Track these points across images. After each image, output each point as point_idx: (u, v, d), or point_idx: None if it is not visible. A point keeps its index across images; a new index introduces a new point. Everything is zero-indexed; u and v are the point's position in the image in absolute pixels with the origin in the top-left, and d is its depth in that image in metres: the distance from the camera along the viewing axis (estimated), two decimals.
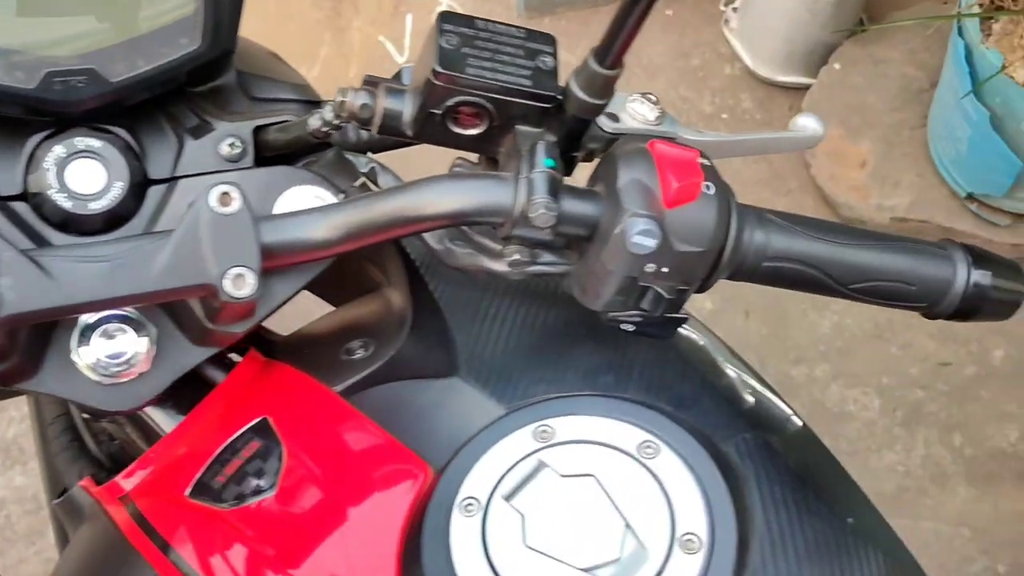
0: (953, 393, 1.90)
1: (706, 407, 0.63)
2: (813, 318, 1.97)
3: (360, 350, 0.70)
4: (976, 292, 0.65)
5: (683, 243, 0.57)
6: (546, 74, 0.59)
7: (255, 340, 0.76)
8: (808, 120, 0.75)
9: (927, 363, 1.93)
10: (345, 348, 0.71)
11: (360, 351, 0.70)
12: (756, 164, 2.09)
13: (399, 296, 0.73)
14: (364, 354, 0.70)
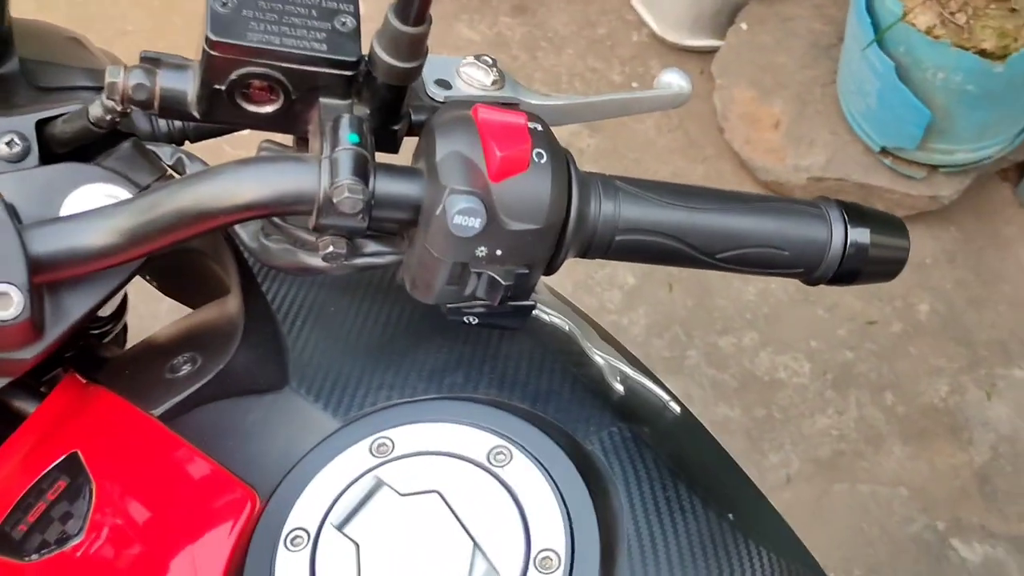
0: (882, 352, 1.87)
1: (567, 401, 0.56)
2: (738, 286, 1.92)
3: (186, 365, 0.63)
4: (855, 253, 0.59)
5: (515, 220, 0.50)
6: (345, 37, 0.51)
7: (82, 360, 0.68)
8: (673, 76, 0.69)
9: (854, 323, 1.89)
10: (170, 365, 0.63)
11: (186, 367, 0.62)
12: (671, 133, 2.04)
13: (234, 301, 0.65)
14: (190, 370, 0.62)
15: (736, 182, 1.97)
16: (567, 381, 0.58)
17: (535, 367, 0.58)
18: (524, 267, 0.52)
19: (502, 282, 0.51)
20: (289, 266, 0.56)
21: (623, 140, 2.02)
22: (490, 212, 0.50)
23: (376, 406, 0.55)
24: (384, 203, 0.51)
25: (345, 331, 0.60)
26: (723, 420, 1.78)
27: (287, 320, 0.61)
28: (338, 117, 0.51)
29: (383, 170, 0.51)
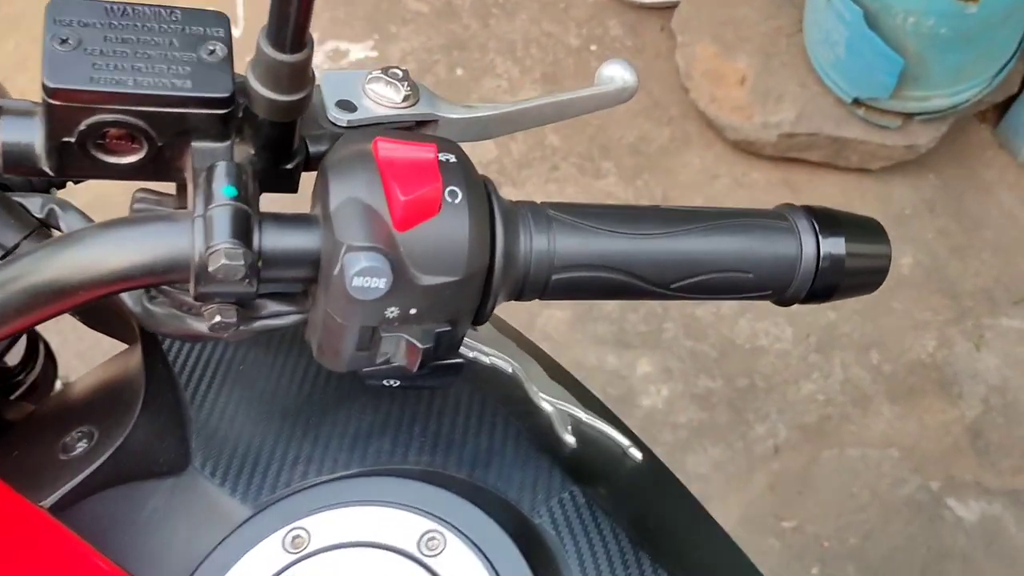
0: (865, 310, 1.81)
1: (510, 465, 0.49)
2: None
3: (81, 443, 0.55)
4: (830, 266, 0.52)
5: (428, 274, 0.43)
6: (215, 68, 0.43)
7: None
8: (615, 69, 0.61)
9: None
10: (63, 443, 0.55)
11: (81, 444, 0.55)
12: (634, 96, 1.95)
13: (135, 357, 0.57)
14: (85, 448, 0.54)
15: (703, 143, 1.89)
16: (510, 438, 0.50)
17: (473, 424, 0.50)
18: (445, 324, 0.44)
19: (419, 345, 0.43)
20: (177, 333, 0.48)
21: None
22: (398, 268, 0.42)
23: (291, 487, 0.48)
24: (275, 262, 0.43)
25: (256, 394, 0.52)
26: (705, 392, 1.72)
27: (190, 384, 0.53)
28: (212, 166, 0.43)
29: (272, 222, 0.43)
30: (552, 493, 0.48)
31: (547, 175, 1.86)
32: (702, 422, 1.70)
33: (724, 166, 1.88)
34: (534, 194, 1.84)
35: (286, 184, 0.49)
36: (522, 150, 1.89)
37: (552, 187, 1.85)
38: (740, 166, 1.88)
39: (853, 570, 1.63)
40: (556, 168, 1.87)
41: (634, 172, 1.87)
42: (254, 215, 0.43)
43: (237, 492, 0.48)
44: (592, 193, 1.84)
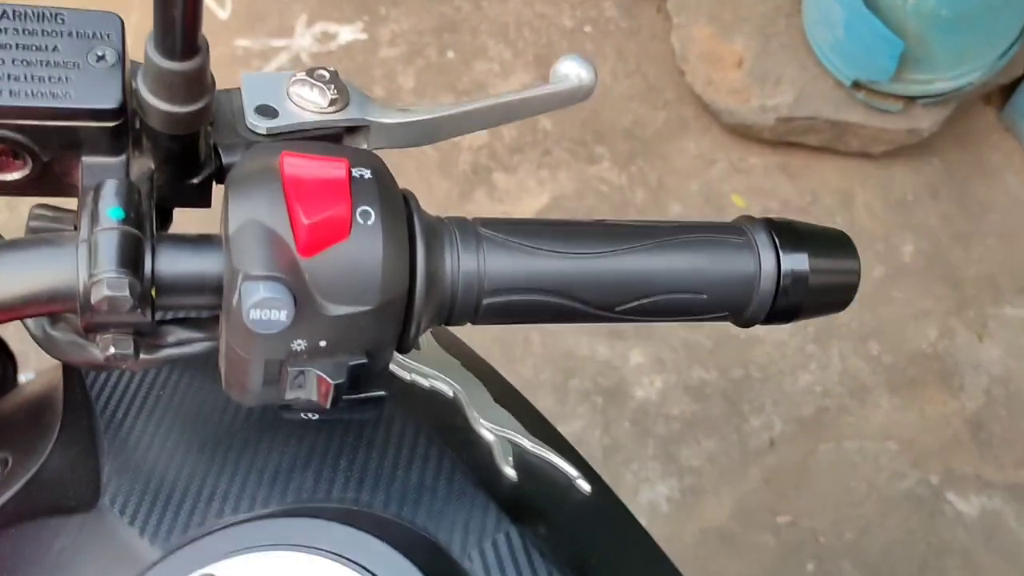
0: (864, 299, 1.76)
1: (443, 501, 0.45)
2: None
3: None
4: (792, 284, 0.47)
5: (338, 304, 0.39)
6: (104, 76, 0.39)
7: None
8: (571, 66, 0.57)
9: None
10: None
11: None
12: (629, 79, 1.90)
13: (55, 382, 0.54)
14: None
15: (700, 127, 1.84)
16: (444, 472, 0.46)
17: (405, 457, 0.47)
18: (361, 356, 0.41)
19: (330, 381, 0.40)
20: (79, 362, 0.44)
21: None
22: (302, 297, 0.38)
23: (204, 528, 0.44)
24: (172, 289, 0.39)
25: (175, 423, 0.49)
26: (699, 384, 1.68)
27: (106, 410, 0.50)
28: (99, 184, 0.39)
29: (169, 245, 0.40)
30: (486, 534, 0.44)
31: (539, 160, 1.82)
32: (696, 414, 1.66)
33: (721, 151, 1.83)
34: (527, 180, 1.80)
35: (197, 198, 0.45)
36: (514, 135, 1.84)
37: (544, 172, 1.80)
38: (737, 151, 1.83)
39: (850, 566, 1.59)
40: (548, 153, 1.82)
41: (628, 157, 1.83)
42: (147, 238, 0.39)
43: (147, 532, 0.45)
44: (585, 179, 1.80)
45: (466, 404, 0.51)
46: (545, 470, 0.50)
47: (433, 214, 0.44)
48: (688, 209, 1.78)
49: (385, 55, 1.90)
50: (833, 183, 1.83)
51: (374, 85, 1.86)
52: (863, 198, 1.83)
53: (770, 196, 1.81)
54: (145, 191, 0.40)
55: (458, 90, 1.87)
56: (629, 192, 1.80)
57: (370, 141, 0.50)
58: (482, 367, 0.56)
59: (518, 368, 1.63)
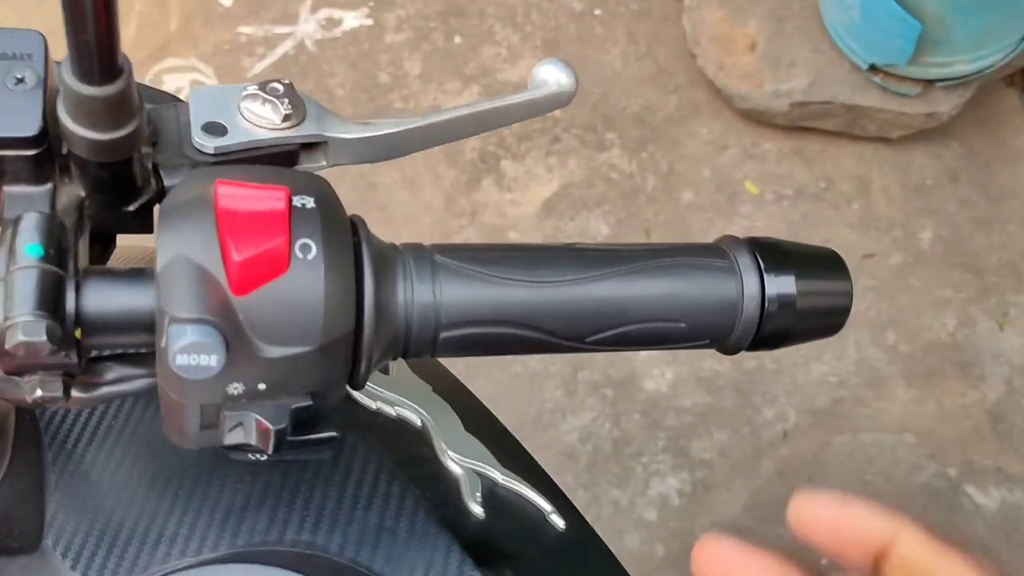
0: (881, 287, 1.72)
1: (403, 543, 0.42)
2: (721, 226, 1.77)
3: None
4: (778, 309, 0.44)
5: (275, 345, 0.36)
6: (21, 99, 0.37)
7: None
8: (550, 71, 0.54)
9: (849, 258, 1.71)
10: None
11: None
12: (639, 62, 1.86)
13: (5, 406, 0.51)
14: None
15: (711, 112, 1.80)
16: (405, 511, 0.44)
17: (364, 495, 0.44)
18: (304, 399, 0.38)
19: (271, 426, 0.37)
20: (13, 400, 0.42)
21: (587, 73, 1.85)
22: (236, 339, 0.35)
23: (148, 572, 0.42)
24: (99, 328, 0.37)
25: (124, 458, 0.46)
26: (711, 376, 1.65)
27: (54, 442, 0.47)
28: (18, 218, 0.36)
29: (97, 281, 0.37)
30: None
31: (548, 147, 1.78)
32: (707, 406, 1.63)
33: (733, 136, 1.79)
34: (535, 168, 1.76)
35: (137, 224, 0.42)
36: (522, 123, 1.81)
37: (553, 160, 1.77)
38: (750, 136, 1.78)
39: None
40: (557, 140, 1.79)
41: (639, 144, 1.79)
42: (69, 276, 0.36)
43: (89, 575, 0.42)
44: (595, 166, 1.76)
45: (434, 434, 0.48)
46: (516, 505, 0.48)
47: (387, 241, 0.42)
48: (700, 196, 1.75)
49: (391, 41, 1.86)
50: (849, 168, 1.78)
51: (380, 72, 1.83)
52: (880, 183, 1.78)
53: (784, 182, 1.76)
54: (72, 222, 0.38)
55: (465, 76, 1.84)
56: (640, 179, 1.76)
57: (329, 157, 0.47)
58: (455, 390, 0.53)
59: (527, 360, 1.61)
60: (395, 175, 1.74)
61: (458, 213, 1.72)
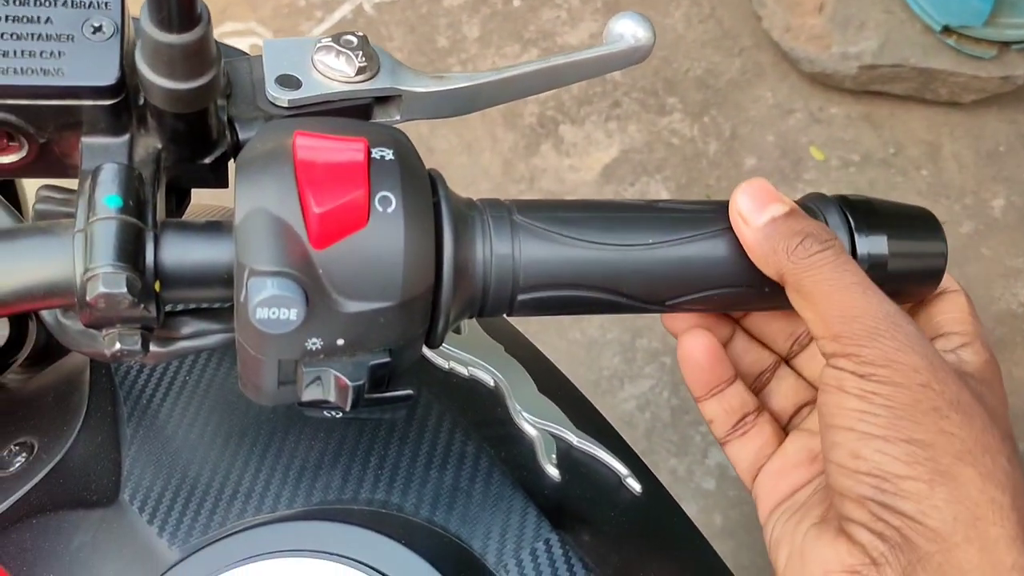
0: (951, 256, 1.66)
1: (478, 505, 0.42)
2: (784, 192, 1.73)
3: (20, 457, 0.50)
4: (869, 270, 0.43)
5: (355, 299, 0.35)
6: (100, 49, 0.36)
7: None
8: (627, 24, 0.52)
9: None
10: (2, 456, 0.50)
11: (20, 458, 0.50)
12: (702, 24, 1.82)
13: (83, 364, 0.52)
14: (23, 462, 0.49)
15: (777, 76, 1.75)
16: (480, 472, 0.43)
17: (439, 455, 0.43)
18: (383, 355, 0.37)
19: (349, 383, 0.36)
20: (91, 353, 0.42)
21: None
22: (315, 293, 0.35)
23: (224, 529, 0.42)
24: (177, 282, 0.36)
25: (199, 414, 0.46)
26: None
27: (129, 398, 0.47)
28: (97, 169, 0.36)
29: (174, 234, 0.36)
30: (524, 542, 0.41)
31: (608, 112, 1.75)
32: None
33: (799, 100, 1.75)
34: (595, 133, 1.74)
35: (212, 178, 0.42)
36: (582, 85, 1.78)
37: (613, 125, 1.74)
38: (817, 100, 1.74)
39: None
40: (618, 105, 1.76)
41: (701, 108, 1.75)
42: (148, 228, 0.36)
43: (165, 532, 0.42)
44: (656, 131, 1.73)
45: (508, 395, 0.47)
46: (592, 468, 0.47)
47: (464, 196, 0.41)
48: (763, 162, 1.71)
49: (449, 4, 1.84)
50: (919, 133, 1.73)
51: (438, 35, 1.81)
52: (951, 149, 1.73)
53: (851, 148, 1.72)
54: (149, 174, 0.37)
55: (524, 39, 1.82)
56: (701, 144, 1.73)
57: (403, 112, 0.46)
58: (528, 351, 0.52)
59: (584, 327, 1.59)
60: (453, 139, 1.73)
61: (516, 178, 1.71)
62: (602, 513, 0.45)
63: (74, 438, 0.48)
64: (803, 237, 0.40)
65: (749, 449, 0.47)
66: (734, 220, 0.41)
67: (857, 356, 0.37)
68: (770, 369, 0.49)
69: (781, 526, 0.43)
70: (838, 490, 0.38)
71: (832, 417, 0.38)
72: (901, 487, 0.36)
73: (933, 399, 0.37)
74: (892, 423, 0.36)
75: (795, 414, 0.48)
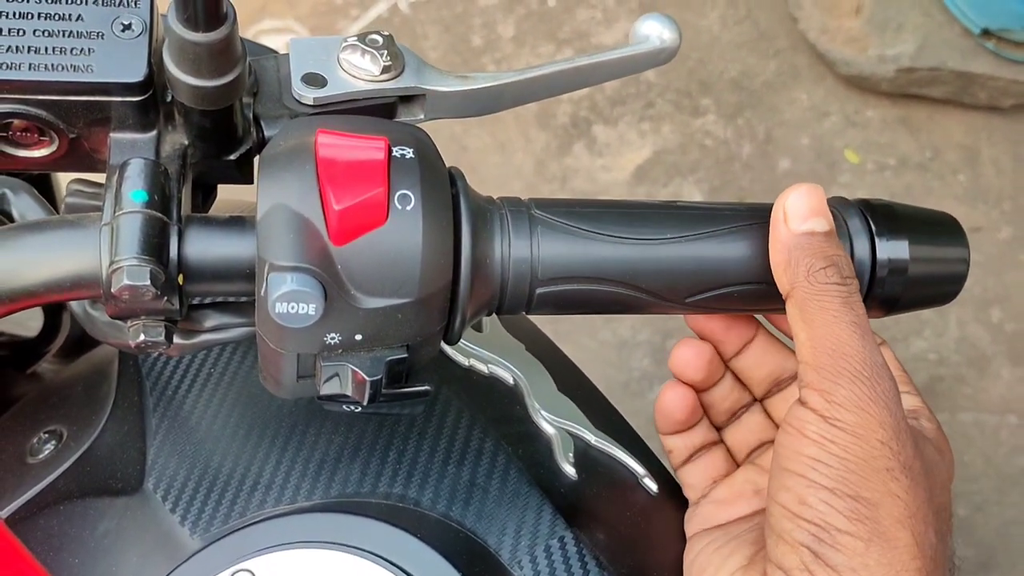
0: (988, 262, 1.65)
1: (495, 501, 0.42)
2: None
3: (49, 444, 0.51)
4: (889, 275, 0.42)
5: (373, 296, 0.36)
6: (128, 47, 0.37)
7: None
8: (653, 25, 0.52)
9: None
10: (31, 444, 0.51)
11: (48, 446, 0.51)
12: (738, 26, 1.81)
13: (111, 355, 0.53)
14: (52, 450, 0.50)
15: (813, 78, 1.74)
16: (497, 469, 0.43)
17: (457, 451, 0.44)
18: (400, 351, 0.38)
19: (367, 377, 0.37)
20: (118, 344, 0.43)
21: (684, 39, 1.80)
22: (334, 289, 0.35)
23: (245, 519, 0.43)
24: (200, 276, 0.37)
25: (223, 405, 0.47)
26: None
27: (155, 388, 0.48)
28: (124, 164, 0.37)
29: (198, 228, 0.37)
30: (539, 539, 0.41)
31: (641, 113, 1.75)
32: None
33: (835, 103, 1.73)
34: (628, 133, 1.74)
35: (238, 174, 0.42)
36: (616, 86, 1.78)
37: (646, 125, 1.74)
38: (853, 103, 1.73)
39: (962, 544, 1.51)
40: (651, 105, 1.76)
41: (736, 109, 1.74)
42: (173, 222, 0.36)
43: (187, 521, 0.43)
44: (690, 132, 1.73)
45: (527, 393, 0.47)
46: (609, 467, 0.47)
47: (484, 195, 0.41)
48: (798, 165, 1.70)
49: (485, 4, 1.85)
50: (957, 138, 1.71)
51: (473, 35, 1.82)
52: (990, 154, 1.71)
53: (887, 151, 1.71)
54: (175, 169, 0.38)
55: (558, 39, 1.82)
56: (735, 146, 1.72)
57: (427, 111, 0.47)
58: (548, 351, 0.52)
59: (615, 328, 1.59)
60: (486, 138, 1.73)
61: (549, 178, 1.71)
62: (618, 512, 0.45)
63: (102, 427, 0.49)
64: (828, 264, 0.40)
65: (699, 472, 0.48)
66: (775, 213, 0.41)
67: (830, 394, 0.37)
68: (745, 407, 0.50)
69: (708, 554, 0.43)
70: (777, 531, 0.38)
71: (787, 460, 0.38)
72: (838, 540, 0.36)
73: (888, 459, 0.37)
74: (843, 476, 0.36)
75: (755, 449, 0.49)
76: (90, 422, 0.49)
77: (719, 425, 0.50)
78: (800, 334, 0.39)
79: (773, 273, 0.40)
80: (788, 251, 0.40)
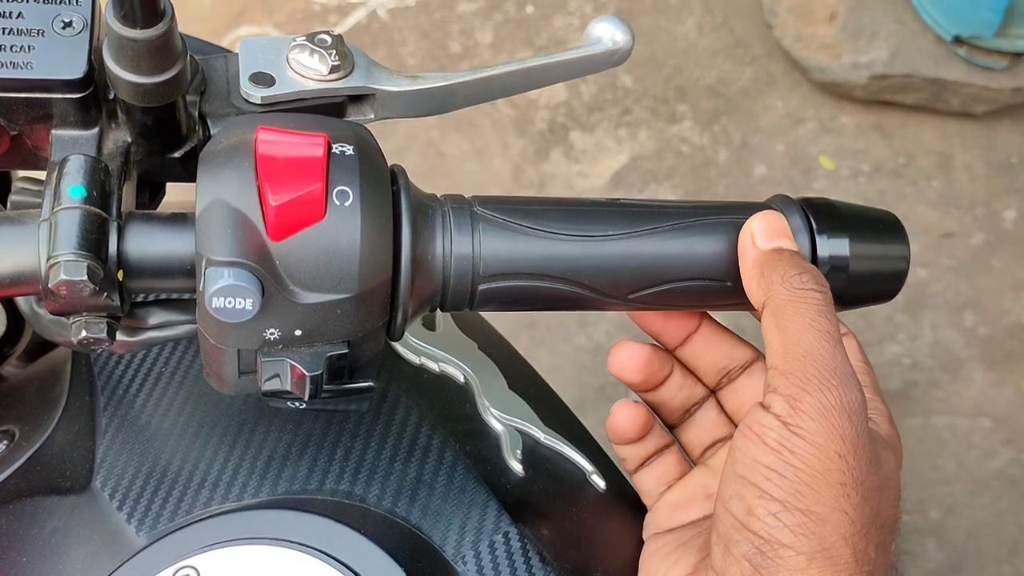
0: (960, 267, 1.67)
1: (439, 499, 0.42)
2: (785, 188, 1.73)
3: (1, 444, 0.51)
4: (830, 272, 0.43)
5: (311, 291, 0.36)
6: (69, 44, 0.37)
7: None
8: (605, 27, 0.52)
9: (928, 236, 1.69)
10: None
11: (1, 445, 0.51)
12: (715, 33, 1.82)
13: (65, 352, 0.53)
14: (3, 450, 0.50)
15: (788, 85, 1.75)
16: (444, 465, 0.44)
17: (404, 448, 0.44)
18: (341, 346, 0.38)
19: (307, 373, 0.37)
20: (63, 342, 0.43)
21: (660, 45, 1.82)
22: (272, 284, 0.35)
23: (190, 516, 0.43)
24: (140, 272, 0.37)
25: (171, 403, 0.47)
26: None
27: (107, 387, 0.48)
28: (63, 160, 0.37)
29: (139, 225, 0.37)
30: (483, 534, 0.41)
31: (618, 119, 1.76)
32: None
33: (810, 109, 1.75)
34: (605, 140, 1.75)
35: (183, 172, 0.43)
36: (592, 92, 1.79)
37: (623, 132, 1.75)
38: (828, 109, 1.74)
39: (934, 546, 1.52)
40: (628, 112, 1.77)
41: (712, 116, 1.76)
42: (112, 218, 0.37)
43: (134, 519, 0.43)
44: (666, 139, 1.74)
45: (477, 391, 0.48)
46: (557, 464, 0.47)
47: (428, 192, 0.41)
48: (773, 171, 1.71)
49: (463, 10, 1.86)
50: (930, 144, 1.72)
51: (451, 41, 1.83)
52: (963, 160, 1.72)
53: (861, 157, 1.72)
54: (116, 166, 0.38)
55: (536, 45, 1.83)
56: (711, 152, 1.73)
57: (377, 110, 0.47)
58: (501, 349, 0.52)
59: (591, 333, 1.60)
60: (464, 145, 1.74)
61: (526, 184, 1.71)
62: (564, 508, 0.45)
63: (54, 427, 0.49)
64: (801, 272, 0.40)
65: (652, 478, 0.48)
66: (743, 237, 0.41)
67: (796, 400, 0.37)
68: (699, 403, 0.50)
69: (659, 559, 0.44)
70: (724, 540, 0.38)
71: (742, 466, 0.38)
72: (781, 555, 0.36)
73: (842, 473, 0.37)
74: (796, 489, 0.36)
75: (708, 448, 0.49)
76: (42, 422, 0.50)
77: (673, 424, 0.50)
78: (773, 341, 0.39)
79: (746, 290, 0.41)
80: (759, 266, 0.40)
